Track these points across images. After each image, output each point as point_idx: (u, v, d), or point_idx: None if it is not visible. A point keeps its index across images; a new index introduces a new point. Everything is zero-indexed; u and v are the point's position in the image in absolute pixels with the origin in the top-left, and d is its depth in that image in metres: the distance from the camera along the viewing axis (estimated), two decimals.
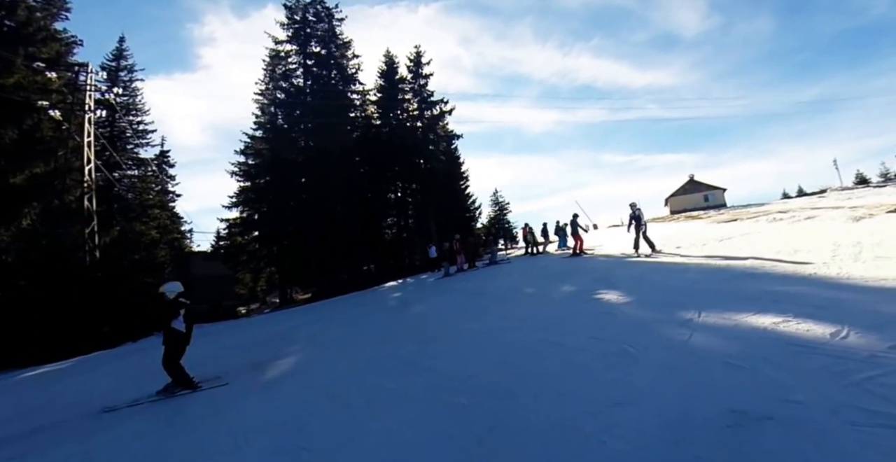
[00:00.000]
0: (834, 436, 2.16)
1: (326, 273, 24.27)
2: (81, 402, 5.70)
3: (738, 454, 2.14)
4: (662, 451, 2.28)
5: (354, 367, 5.19)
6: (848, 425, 2.23)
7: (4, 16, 15.34)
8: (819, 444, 2.10)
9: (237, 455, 3.20)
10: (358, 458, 2.79)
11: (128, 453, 3.62)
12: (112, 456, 3.62)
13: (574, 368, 3.80)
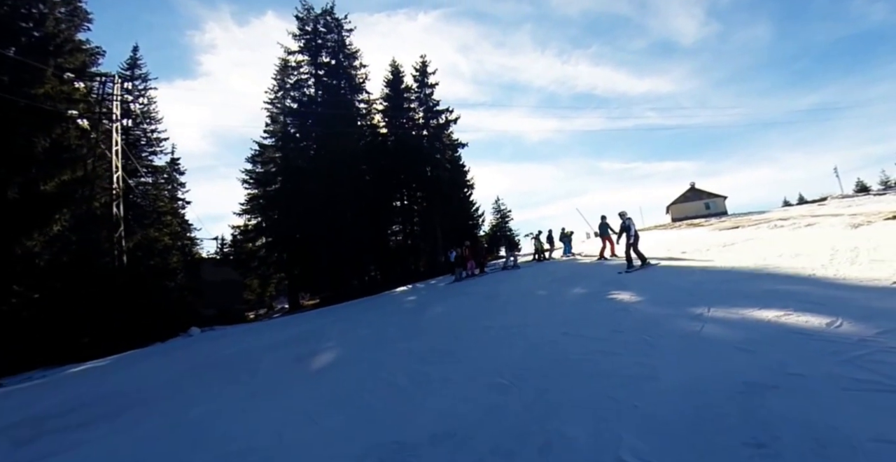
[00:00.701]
0: (827, 397, 2.64)
1: (336, 279, 24.73)
2: (143, 389, 6.16)
3: (748, 412, 2.60)
4: (686, 412, 2.75)
5: (394, 358, 5.66)
6: (839, 390, 2.70)
7: (33, 27, 16.01)
8: (815, 403, 2.58)
9: (315, 427, 3.67)
10: (425, 427, 3.26)
11: (207, 429, 4.09)
12: (193, 430, 4.09)
13: (598, 354, 4.27)
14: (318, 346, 7.54)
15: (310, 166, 25.57)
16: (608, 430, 2.67)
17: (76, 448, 3.92)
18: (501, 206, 52.10)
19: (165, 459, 3.39)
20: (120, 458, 3.53)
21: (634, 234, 10.22)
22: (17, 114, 13.94)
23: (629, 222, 10.26)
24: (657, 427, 2.61)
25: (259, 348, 8.50)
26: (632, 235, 10.18)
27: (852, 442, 2.15)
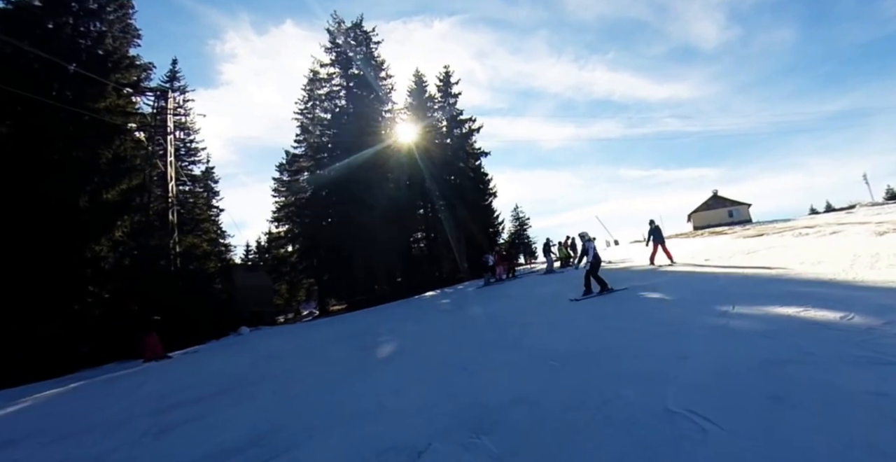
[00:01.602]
0: (833, 367, 3.28)
1: (365, 285, 25.63)
2: (236, 373, 7.01)
3: (768, 378, 3.26)
4: (716, 379, 3.42)
5: (452, 348, 6.39)
6: (844, 362, 3.34)
7: (92, 45, 17.40)
8: (823, 371, 3.23)
9: (407, 396, 4.42)
10: (500, 394, 3.97)
11: (315, 400, 4.87)
12: (303, 401, 4.88)
13: (637, 342, 4.94)
14: (375, 340, 8.31)
15: (339, 175, 26.64)
16: (654, 391, 3.35)
17: (203, 418, 4.72)
18: (520, 214, 52.81)
19: (291, 422, 4.15)
20: (245, 424, 4.31)
21: (594, 257, 9.43)
22: (82, 127, 15.23)
23: (589, 245, 9.59)
24: (694, 389, 3.28)
25: (320, 342, 9.33)
26: (590, 260, 9.41)
27: (850, 395, 2.80)
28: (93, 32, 17.71)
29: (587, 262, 9.46)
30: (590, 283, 9.46)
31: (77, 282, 12.98)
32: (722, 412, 2.82)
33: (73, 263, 13.07)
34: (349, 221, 25.69)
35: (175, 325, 12.96)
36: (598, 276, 9.40)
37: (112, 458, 3.80)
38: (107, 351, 12.26)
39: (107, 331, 12.63)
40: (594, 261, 9.41)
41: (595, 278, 9.41)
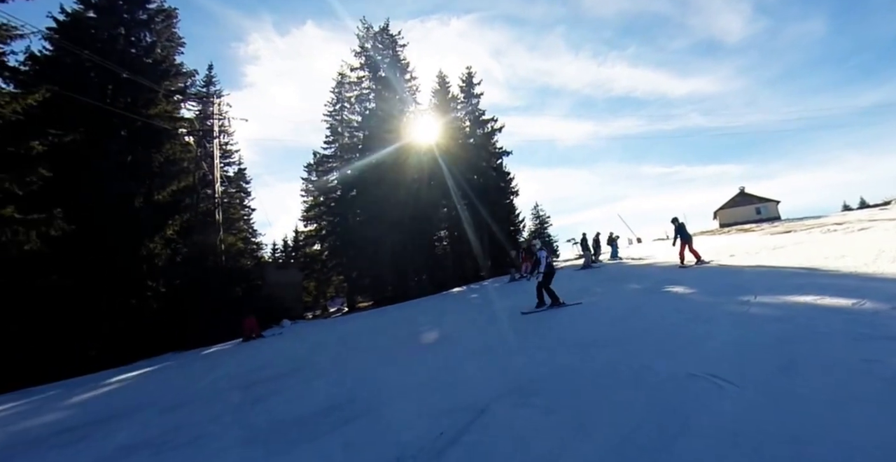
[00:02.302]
0: (837, 343, 3.78)
1: (393, 281, 26.47)
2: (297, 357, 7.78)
3: (779, 352, 3.77)
4: (735, 353, 3.95)
5: (492, 334, 7.02)
6: (848, 339, 3.83)
7: (143, 54, 18.57)
8: (828, 346, 3.73)
9: (459, 372, 5.05)
10: (542, 369, 4.57)
11: (379, 376, 5.56)
12: (368, 377, 5.57)
13: (666, 326, 5.46)
14: (417, 329, 8.99)
15: (367, 175, 27.53)
16: (679, 363, 3.90)
17: (284, 391, 5.45)
18: (540, 212, 53.11)
19: (362, 393, 4.83)
20: (323, 395, 5.01)
21: (548, 266, 8.71)
22: (135, 132, 16.35)
23: (541, 254, 8.87)
24: (714, 360, 3.82)
25: (364, 331, 10.06)
26: (542, 270, 8.71)
27: (846, 362, 3.31)
28: (143, 42, 18.92)
29: (538, 273, 8.71)
30: (542, 294, 8.74)
31: (135, 278, 14.05)
32: (736, 375, 3.37)
33: (130, 261, 14.15)
34: (376, 220, 26.54)
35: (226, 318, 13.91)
36: (549, 289, 8.65)
37: (223, 420, 4.55)
38: (163, 342, 13.28)
39: (164, 323, 13.67)
40: (547, 271, 8.65)
41: (546, 290, 8.65)
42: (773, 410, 2.74)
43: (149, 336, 13.21)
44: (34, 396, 8.40)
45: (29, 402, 7.79)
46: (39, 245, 10.21)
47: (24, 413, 6.77)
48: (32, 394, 8.81)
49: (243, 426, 4.26)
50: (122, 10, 18.56)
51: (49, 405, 7.11)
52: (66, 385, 9.35)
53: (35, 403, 7.55)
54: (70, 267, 11.81)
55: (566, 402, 3.53)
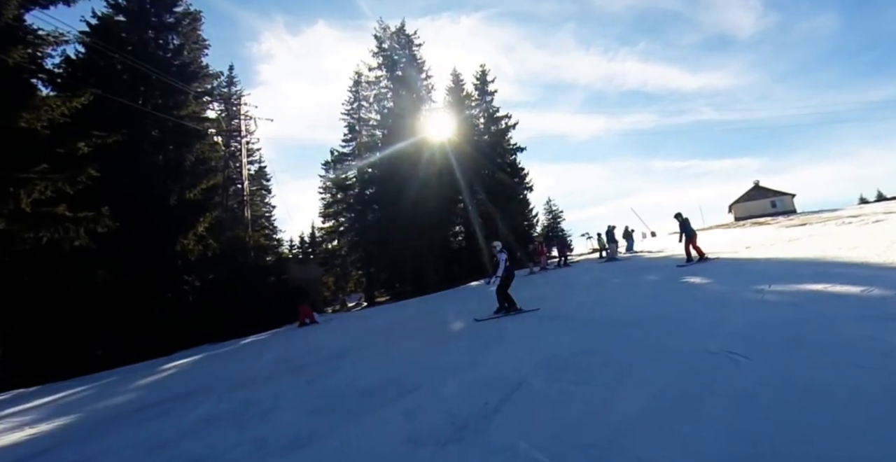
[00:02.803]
0: (842, 323, 4.20)
1: (411, 276, 27.04)
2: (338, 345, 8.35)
3: (789, 332, 4.20)
4: (750, 332, 4.38)
5: (518, 321, 7.49)
6: (851, 320, 4.24)
7: (171, 57, 19.23)
8: (833, 326, 4.16)
9: (496, 353, 5.55)
10: (571, 348, 5.04)
11: (424, 357, 6.08)
12: (415, 358, 6.10)
13: (685, 312, 5.89)
14: (447, 318, 9.48)
15: (385, 172, 28.09)
16: (699, 342, 4.35)
17: (336, 372, 5.97)
18: (553, 207, 53.30)
19: (408, 373, 5.34)
20: (373, 374, 5.52)
21: (506, 270, 8.36)
22: (167, 133, 17.04)
23: (501, 256, 8.46)
24: (731, 340, 4.25)
25: (397, 322, 10.59)
26: (500, 275, 8.36)
27: (850, 340, 3.73)
28: (170, 45, 19.58)
29: (496, 277, 8.36)
30: (503, 299, 8.33)
31: (171, 272, 14.78)
32: (751, 351, 3.80)
33: (166, 256, 14.87)
34: (394, 216, 27.08)
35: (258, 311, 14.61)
36: (506, 294, 8.32)
37: (287, 396, 5.10)
38: (199, 334, 13.98)
39: (199, 316, 14.38)
40: (505, 275, 8.33)
41: (502, 295, 8.32)
42: (782, 377, 3.18)
43: (186, 328, 13.92)
44: (94, 382, 9.09)
45: (93, 386, 8.47)
46: (88, 241, 10.90)
47: (96, 395, 7.43)
48: (90, 380, 9.51)
49: (308, 400, 4.79)
50: (151, 14, 19.22)
51: (116, 388, 7.77)
52: (121, 372, 10.06)
53: (101, 387, 8.22)
54: (115, 262, 12.52)
55: (595, 376, 4.00)
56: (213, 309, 14.22)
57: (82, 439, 4.68)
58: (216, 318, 13.68)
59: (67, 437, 4.92)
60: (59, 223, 10.38)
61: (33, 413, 6.54)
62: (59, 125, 10.98)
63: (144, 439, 4.27)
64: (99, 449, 4.22)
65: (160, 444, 4.01)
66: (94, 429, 5.09)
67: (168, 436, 4.26)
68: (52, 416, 6.04)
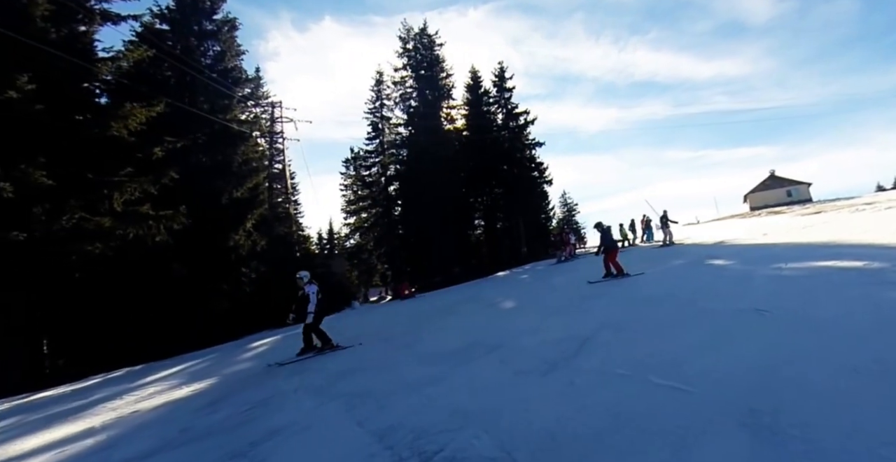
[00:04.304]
0: (844, 286, 5.28)
1: (437, 269, 28.27)
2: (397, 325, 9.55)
3: (806, 294, 5.27)
4: (770, 297, 5.46)
5: (558, 300, 8.62)
6: (853, 286, 5.31)
7: (214, 64, 20.48)
8: (840, 289, 5.22)
9: (540, 327, 6.68)
10: (595, 323, 6.16)
11: (473, 334, 7.24)
12: (474, 332, 7.25)
13: (714, 285, 6.99)
14: (490, 302, 10.63)
15: (408, 169, 29.31)
16: (729, 304, 5.45)
17: (419, 342, 7.14)
18: (568, 200, 54.24)
19: (483, 338, 6.49)
20: (453, 341, 6.69)
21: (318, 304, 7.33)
22: (214, 136, 18.34)
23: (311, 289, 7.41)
24: (755, 301, 5.34)
25: (445, 305, 11.73)
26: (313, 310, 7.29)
27: (851, 296, 4.81)
28: (211, 51, 20.81)
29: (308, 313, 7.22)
30: (319, 335, 7.45)
31: (227, 266, 16.13)
32: (773, 308, 4.89)
33: (221, 251, 16.21)
34: (418, 211, 28.28)
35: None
36: (319, 330, 7.40)
37: (396, 356, 6.32)
38: (258, 321, 15.34)
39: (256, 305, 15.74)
40: (318, 310, 7.27)
41: (315, 333, 7.39)
42: (796, 320, 4.28)
43: (246, 315, 15.24)
44: (195, 360, 10.42)
45: (203, 361, 9.81)
46: (167, 237, 12.22)
47: (215, 366, 8.74)
48: (189, 359, 10.84)
49: (414, 358, 5.97)
50: (193, 22, 20.42)
51: (227, 361, 9.09)
52: (216, 351, 11.40)
53: (211, 362, 9.54)
54: (185, 256, 13.85)
55: (649, 329, 5.13)
56: (268, 298, 15.52)
57: (244, 389, 5.93)
58: (271, 306, 14.97)
59: (228, 389, 6.18)
60: (144, 221, 11.70)
61: (172, 379, 7.84)
62: (138, 132, 12.26)
63: (301, 386, 5.49)
64: (269, 393, 5.45)
65: (319, 388, 5.22)
66: (247, 383, 6.35)
67: (320, 382, 5.48)
68: (193, 380, 7.32)
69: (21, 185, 9.09)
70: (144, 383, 7.82)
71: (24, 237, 9.27)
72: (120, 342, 12.20)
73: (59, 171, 9.91)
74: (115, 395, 6.86)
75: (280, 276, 16.32)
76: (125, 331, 12.48)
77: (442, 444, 3.15)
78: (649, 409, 3.02)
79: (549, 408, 3.40)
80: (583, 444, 2.74)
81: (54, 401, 7.60)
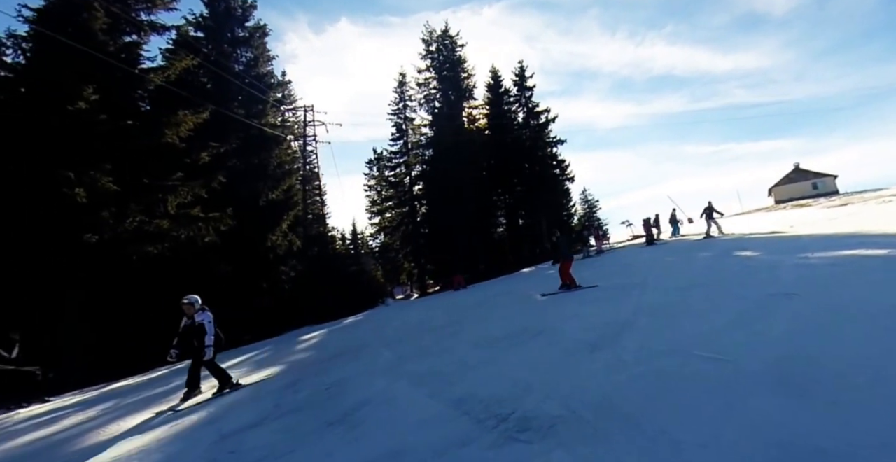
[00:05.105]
0: (869, 273, 5.65)
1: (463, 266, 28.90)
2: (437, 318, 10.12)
3: (832, 279, 5.66)
4: (800, 281, 5.86)
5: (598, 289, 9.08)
6: (876, 271, 5.68)
7: (247, 69, 21.31)
8: (863, 273, 5.60)
9: (581, 313, 7.17)
10: (633, 308, 6.61)
11: (520, 320, 7.77)
12: (515, 321, 7.78)
13: (743, 274, 7.40)
14: (524, 294, 11.14)
15: (433, 169, 29.95)
16: (759, 289, 5.87)
17: (462, 331, 7.71)
18: (588, 197, 54.24)
19: (530, 324, 7.01)
20: (501, 327, 7.24)
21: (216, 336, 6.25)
22: (249, 140, 19.17)
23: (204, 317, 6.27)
24: (784, 286, 5.75)
25: (483, 298, 12.30)
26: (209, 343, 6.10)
27: (874, 280, 5.20)
28: (243, 58, 21.66)
29: (206, 347, 6.10)
30: (217, 372, 6.37)
31: (265, 264, 16.96)
32: (800, 291, 5.31)
33: (260, 251, 17.05)
34: (442, 210, 28.87)
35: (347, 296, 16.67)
36: (217, 367, 6.36)
37: (445, 343, 6.88)
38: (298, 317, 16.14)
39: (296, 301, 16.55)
40: (214, 344, 6.19)
41: (215, 369, 6.32)
42: (822, 302, 4.71)
43: (286, 312, 16.04)
44: (252, 352, 11.18)
45: (261, 352, 10.59)
46: (214, 238, 13.03)
47: (275, 355, 9.50)
48: (245, 351, 11.62)
49: (463, 344, 6.52)
50: (226, 29, 21.27)
51: (285, 351, 9.82)
52: (269, 343, 12.18)
53: (270, 352, 10.29)
54: (230, 256, 14.68)
55: (685, 314, 5.59)
56: (306, 295, 16.29)
57: (314, 374, 6.57)
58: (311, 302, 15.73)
59: (299, 373, 6.85)
60: (195, 222, 12.52)
61: (240, 368, 8.54)
62: (187, 138, 13.09)
63: (370, 367, 6.11)
64: (340, 375, 6.07)
65: (385, 370, 5.83)
66: (314, 369, 7.00)
67: (388, 363, 6.09)
68: (260, 368, 8.03)
69: (91, 191, 9.96)
70: None
71: (95, 239, 10.18)
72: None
73: (120, 177, 10.76)
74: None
75: (316, 275, 17.09)
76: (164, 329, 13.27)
77: (513, 408, 3.68)
78: (694, 375, 3.51)
79: (602, 378, 3.91)
80: (637, 403, 3.25)
81: (135, 389, 8.40)
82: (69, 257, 10.31)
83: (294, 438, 4.08)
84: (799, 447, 2.23)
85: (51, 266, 10.60)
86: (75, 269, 10.49)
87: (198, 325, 6.20)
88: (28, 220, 9.77)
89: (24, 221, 9.75)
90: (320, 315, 15.69)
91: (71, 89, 10.45)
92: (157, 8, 14.49)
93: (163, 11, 14.94)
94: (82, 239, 10.06)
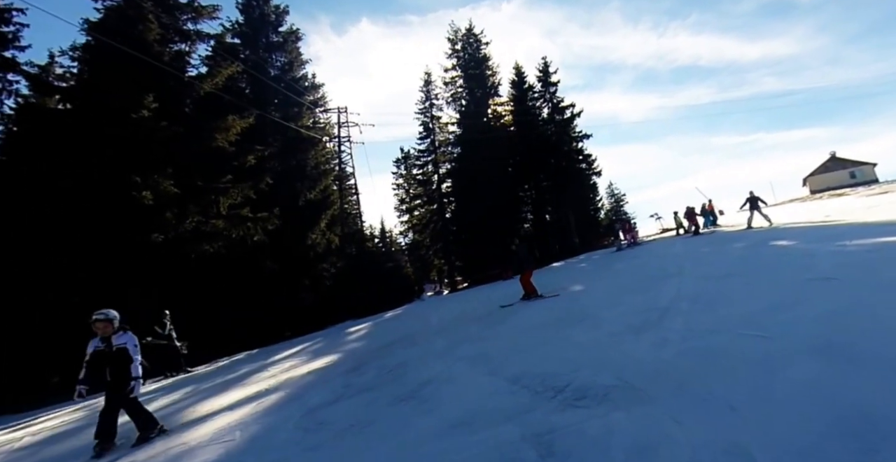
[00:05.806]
0: None
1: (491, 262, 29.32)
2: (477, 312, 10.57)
3: (870, 265, 5.87)
4: (838, 267, 6.07)
5: (627, 281, 9.39)
6: None
7: (283, 73, 22.12)
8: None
9: (622, 302, 7.51)
10: (670, 295, 6.92)
11: (561, 308, 8.16)
12: (557, 308, 8.19)
13: (780, 262, 7.61)
14: (559, 285, 11.47)
15: (461, 167, 30.43)
16: (798, 275, 6.12)
17: (505, 320, 8.18)
18: (615, 191, 53.85)
19: (571, 313, 7.40)
20: (540, 317, 7.65)
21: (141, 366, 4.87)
22: (287, 142, 19.99)
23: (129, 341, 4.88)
24: (822, 271, 5.98)
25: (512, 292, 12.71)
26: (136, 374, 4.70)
27: None
28: (278, 62, 22.50)
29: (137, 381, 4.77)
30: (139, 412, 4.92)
31: (306, 262, 17.77)
32: (838, 275, 5.56)
33: (300, 249, 17.86)
34: (470, 206, 29.32)
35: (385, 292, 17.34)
36: (140, 405, 4.96)
37: (490, 331, 7.35)
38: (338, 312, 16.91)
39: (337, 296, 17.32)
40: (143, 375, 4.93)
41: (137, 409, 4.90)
42: (864, 286, 4.97)
43: (327, 307, 16.81)
44: (303, 343, 11.89)
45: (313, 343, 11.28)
46: (263, 237, 13.82)
47: (329, 346, 10.14)
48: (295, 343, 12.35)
49: (512, 329, 6.98)
50: (261, 35, 22.13)
51: (336, 342, 10.47)
52: (321, 336, 12.90)
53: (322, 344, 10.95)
54: (275, 254, 15.50)
55: (725, 299, 5.89)
56: (346, 291, 17.01)
57: (373, 359, 7.13)
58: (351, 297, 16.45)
59: (359, 359, 7.43)
60: (244, 222, 13.31)
61: (300, 357, 9.23)
62: (234, 142, 13.89)
63: (426, 353, 6.61)
64: (399, 360, 6.60)
65: (444, 352, 6.33)
66: (371, 355, 7.57)
67: (442, 349, 6.59)
68: (318, 356, 8.67)
69: (156, 194, 10.81)
70: (276, 360, 9.27)
71: (161, 239, 11.04)
72: (228, 331, 13.90)
73: (179, 180, 11.59)
74: (260, 369, 8.29)
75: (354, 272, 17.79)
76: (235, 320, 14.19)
77: (567, 381, 4.10)
78: (738, 350, 3.87)
79: (651, 354, 4.30)
80: (686, 373, 3.63)
81: (206, 376, 9.15)
82: (135, 257, 11.18)
83: (372, 411, 4.61)
84: (848, 407, 2.52)
85: (117, 266, 11.50)
86: (141, 268, 11.37)
87: (116, 349, 4.75)
88: (101, 223, 10.66)
89: (97, 224, 10.64)
90: (360, 310, 16.35)
91: (132, 98, 11.30)
92: (202, 17, 15.37)
93: (207, 20, 15.80)
94: (150, 239, 10.92)
